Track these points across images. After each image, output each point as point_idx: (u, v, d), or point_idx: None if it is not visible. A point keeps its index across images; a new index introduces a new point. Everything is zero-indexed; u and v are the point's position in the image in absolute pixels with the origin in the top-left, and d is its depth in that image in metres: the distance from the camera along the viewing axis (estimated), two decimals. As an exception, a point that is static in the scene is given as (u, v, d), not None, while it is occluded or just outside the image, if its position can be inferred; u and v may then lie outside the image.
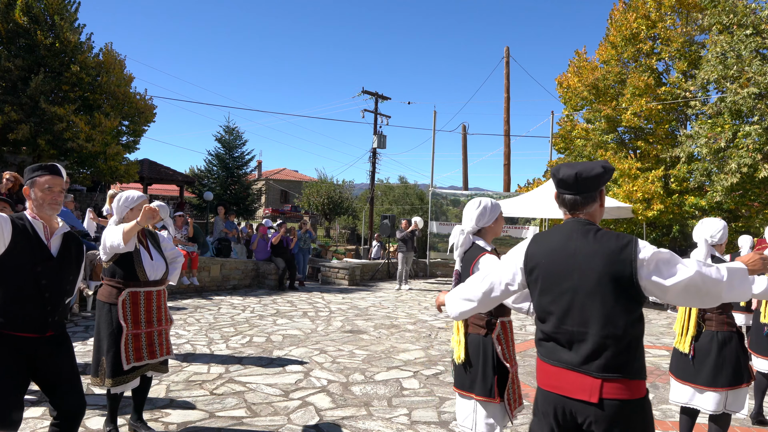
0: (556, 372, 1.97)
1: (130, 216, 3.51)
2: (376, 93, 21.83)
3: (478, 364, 2.71)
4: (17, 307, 2.51)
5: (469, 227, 2.89)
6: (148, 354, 3.50)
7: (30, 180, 2.71)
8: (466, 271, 2.76)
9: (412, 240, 13.04)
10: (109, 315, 3.38)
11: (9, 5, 13.20)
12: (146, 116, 16.18)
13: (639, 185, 13.48)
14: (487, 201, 2.95)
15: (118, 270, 3.42)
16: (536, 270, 2.04)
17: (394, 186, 38.84)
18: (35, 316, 2.57)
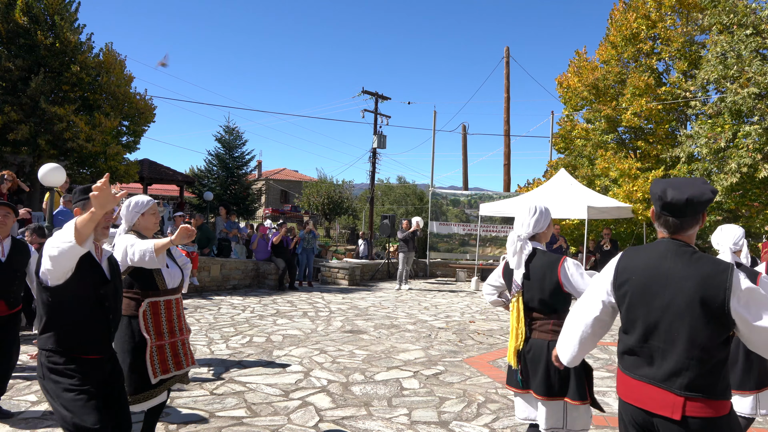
0: (638, 386, 2.00)
1: (141, 222, 3.37)
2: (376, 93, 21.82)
3: (570, 371, 2.75)
4: (86, 331, 2.54)
5: (525, 233, 2.93)
6: (174, 365, 3.31)
7: (81, 201, 2.70)
8: (551, 277, 2.79)
9: (413, 240, 13.04)
10: (129, 328, 3.17)
11: (9, 5, 13.19)
12: (146, 116, 16.17)
13: (639, 185, 13.48)
14: (541, 206, 2.98)
15: (136, 280, 3.22)
16: (626, 285, 2.07)
17: (394, 186, 38.83)
18: (101, 338, 2.61)
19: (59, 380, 2.46)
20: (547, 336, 2.80)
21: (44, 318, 2.49)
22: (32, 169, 13.51)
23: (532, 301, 2.85)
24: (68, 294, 2.46)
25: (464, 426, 4.20)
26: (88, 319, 2.54)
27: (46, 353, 2.49)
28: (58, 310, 2.47)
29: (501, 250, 15.76)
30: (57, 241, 2.32)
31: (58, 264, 2.35)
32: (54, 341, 2.47)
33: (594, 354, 6.84)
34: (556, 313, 2.81)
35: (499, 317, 9.36)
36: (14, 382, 4.79)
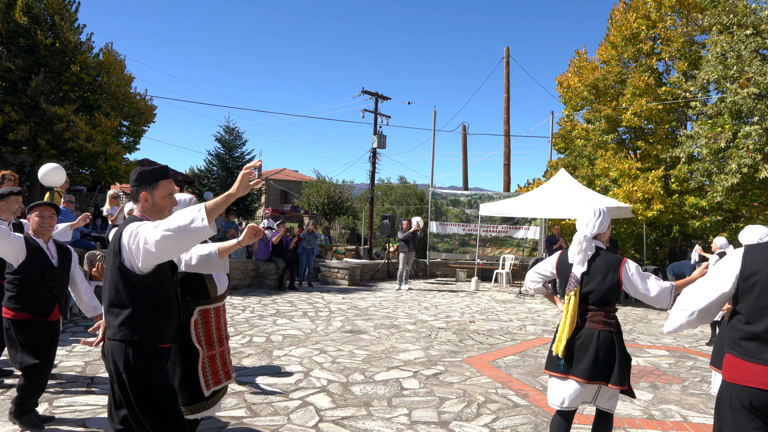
0: (762, 370, 2.19)
1: None
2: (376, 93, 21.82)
3: (614, 358, 3.04)
4: (165, 320, 2.49)
5: (589, 233, 3.18)
6: (224, 375, 3.14)
7: (150, 185, 2.52)
8: (613, 276, 3.06)
9: (414, 240, 13.04)
10: (180, 339, 2.93)
11: (9, 5, 13.19)
12: (146, 116, 16.16)
13: (639, 185, 13.48)
14: (603, 208, 3.24)
15: (186, 287, 2.97)
16: (755, 276, 2.24)
17: (394, 186, 38.81)
18: (174, 327, 2.58)
19: (151, 369, 2.39)
20: (598, 326, 3.09)
21: (129, 308, 2.37)
22: (32, 169, 13.51)
23: (590, 294, 3.11)
24: (148, 281, 2.39)
25: (464, 426, 4.20)
26: (167, 307, 2.50)
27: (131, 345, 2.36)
28: (145, 299, 2.39)
29: (501, 250, 15.76)
30: (174, 224, 2.14)
31: (175, 249, 2.23)
32: (142, 331, 2.38)
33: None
34: (608, 306, 3.10)
35: (498, 317, 9.36)
36: (13, 381, 4.79)
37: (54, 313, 3.90)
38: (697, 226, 13.62)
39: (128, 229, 2.31)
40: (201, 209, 2.16)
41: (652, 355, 7.01)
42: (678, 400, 5.09)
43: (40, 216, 3.85)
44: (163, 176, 2.54)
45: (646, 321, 9.89)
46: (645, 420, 4.51)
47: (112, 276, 2.39)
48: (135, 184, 2.52)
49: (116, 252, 2.37)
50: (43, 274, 3.81)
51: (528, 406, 4.72)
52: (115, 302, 2.40)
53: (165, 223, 2.18)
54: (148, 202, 2.52)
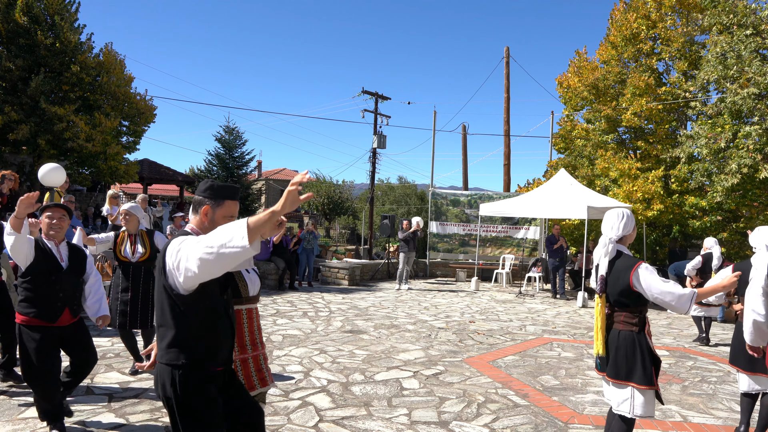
0: None
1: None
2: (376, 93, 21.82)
3: (635, 356, 3.10)
4: (215, 342, 2.30)
5: (615, 236, 3.26)
6: (259, 381, 3.00)
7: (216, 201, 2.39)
8: (624, 277, 3.12)
9: (414, 240, 13.04)
10: None
11: (9, 5, 13.19)
12: (146, 116, 16.17)
13: (639, 185, 13.47)
14: (627, 211, 3.33)
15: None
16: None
17: (394, 186, 38.80)
18: (228, 349, 2.39)
19: (199, 395, 2.23)
20: (619, 326, 3.19)
21: (174, 330, 2.22)
22: (32, 169, 13.51)
23: (611, 296, 3.22)
24: (202, 300, 2.22)
25: (464, 426, 4.20)
26: (217, 325, 2.32)
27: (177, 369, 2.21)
28: (191, 319, 2.22)
29: (501, 250, 15.76)
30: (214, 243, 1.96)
31: (215, 269, 2.03)
32: (189, 354, 2.21)
33: (594, 354, 6.83)
34: (627, 307, 3.16)
35: (499, 317, 9.35)
36: (14, 384, 4.79)
37: (63, 318, 3.74)
38: (697, 226, 13.61)
39: (172, 246, 2.17)
40: (242, 226, 1.94)
41: (652, 355, 7.01)
42: (678, 400, 5.09)
43: (50, 217, 3.76)
44: (231, 196, 2.43)
45: (646, 321, 9.89)
46: (645, 420, 4.51)
47: (158, 295, 2.27)
48: (201, 195, 2.40)
49: (161, 269, 2.23)
50: (50, 276, 3.70)
51: (528, 406, 4.73)
52: (161, 323, 2.27)
53: (207, 239, 2.01)
54: (207, 217, 2.39)
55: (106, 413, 4.14)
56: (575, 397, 5.04)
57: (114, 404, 4.36)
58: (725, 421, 4.58)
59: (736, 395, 5.35)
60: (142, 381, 4.98)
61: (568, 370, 5.98)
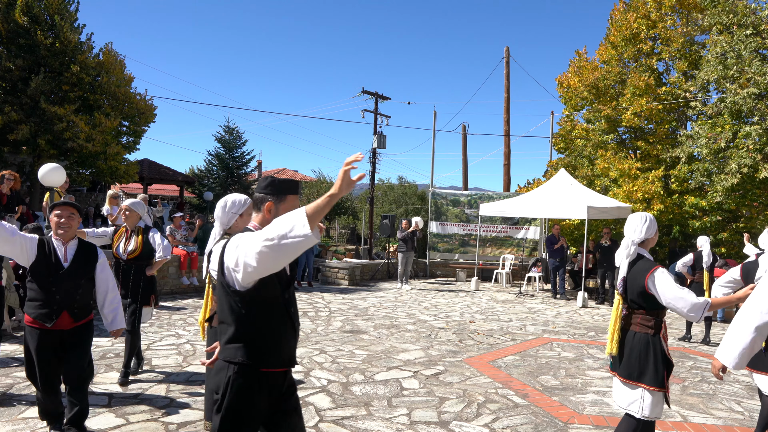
0: None
1: (239, 223, 2.99)
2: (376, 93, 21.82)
3: (648, 358, 3.14)
4: (275, 341, 2.25)
5: (637, 238, 3.31)
6: None
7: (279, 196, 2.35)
8: (640, 280, 3.17)
9: (413, 240, 13.04)
10: None
11: (9, 5, 13.19)
12: (146, 116, 16.17)
13: (639, 185, 13.48)
14: (650, 215, 3.38)
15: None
16: None
17: (394, 186, 38.81)
18: (290, 349, 2.32)
19: (250, 397, 2.19)
20: (635, 328, 3.25)
21: (233, 327, 2.18)
22: (32, 169, 13.51)
23: (629, 297, 3.28)
24: (261, 298, 2.18)
25: (464, 426, 4.20)
26: (280, 326, 2.27)
27: (233, 366, 2.17)
28: (250, 317, 2.18)
29: (501, 250, 15.76)
30: (274, 234, 1.90)
31: (276, 261, 1.98)
32: (246, 353, 2.17)
33: (594, 354, 6.84)
34: (643, 309, 3.21)
35: (498, 317, 9.35)
36: (13, 381, 4.79)
37: (62, 322, 3.53)
38: (697, 226, 13.61)
39: (231, 242, 2.14)
40: (301, 214, 1.90)
41: (652, 355, 7.01)
42: (678, 400, 5.09)
43: (58, 216, 3.62)
44: (293, 191, 2.39)
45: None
46: (645, 420, 4.51)
47: (219, 291, 2.24)
48: (263, 191, 2.36)
49: (219, 267, 2.20)
50: (47, 277, 3.52)
51: (528, 406, 4.73)
52: (222, 319, 2.25)
53: (265, 232, 1.95)
54: (270, 214, 2.34)
55: (106, 413, 4.14)
56: (575, 397, 5.04)
57: (114, 404, 4.36)
58: (725, 421, 4.58)
59: (736, 395, 5.35)
60: (142, 381, 4.98)
61: (568, 370, 5.98)
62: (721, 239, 13.47)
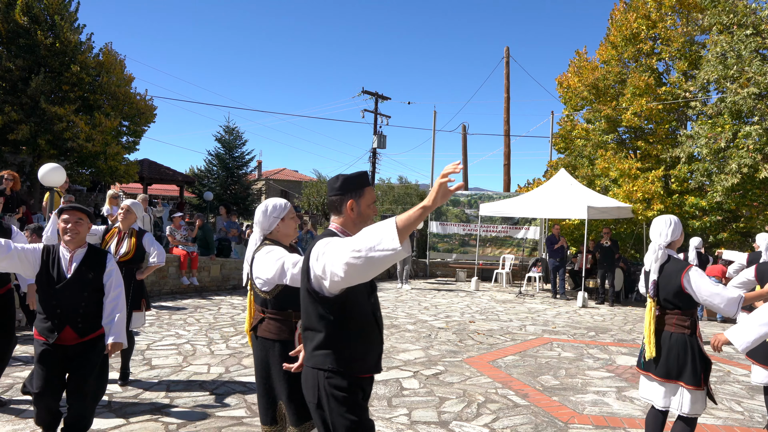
0: None
1: (281, 228, 2.93)
2: (376, 93, 21.84)
3: (686, 358, 3.23)
4: (363, 347, 2.25)
5: (664, 242, 3.40)
6: None
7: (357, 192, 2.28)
8: (676, 280, 3.27)
9: (412, 240, 13.04)
10: (281, 355, 2.74)
11: (9, 5, 13.19)
12: (146, 116, 16.17)
13: (639, 185, 13.47)
14: (675, 218, 3.46)
15: (289, 300, 2.75)
16: None
17: (395, 186, 38.81)
18: (376, 354, 2.32)
19: (348, 402, 2.14)
20: (671, 328, 3.33)
21: (322, 333, 2.15)
22: (32, 169, 13.52)
23: (662, 299, 3.36)
24: (348, 304, 2.15)
25: (464, 426, 4.20)
26: (366, 331, 2.27)
27: (324, 373, 2.15)
28: (337, 323, 2.15)
29: (501, 250, 15.76)
30: (362, 246, 1.85)
31: (364, 274, 1.92)
32: (336, 359, 2.14)
33: (594, 354, 6.84)
34: (678, 309, 3.30)
35: (498, 317, 9.36)
36: (13, 381, 4.79)
37: (65, 336, 3.19)
38: (697, 226, 13.61)
39: (317, 248, 2.08)
40: (391, 227, 1.82)
41: (652, 355, 7.01)
42: (678, 400, 5.09)
43: (66, 221, 3.30)
44: (367, 182, 2.33)
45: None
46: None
47: (304, 298, 2.19)
48: (339, 192, 2.27)
49: (305, 272, 2.14)
50: (48, 288, 3.22)
51: (528, 406, 4.73)
52: (307, 326, 2.21)
53: (353, 242, 1.90)
54: (354, 212, 2.27)
55: (106, 413, 4.14)
56: (575, 397, 5.04)
57: (114, 404, 4.36)
58: (725, 421, 4.58)
59: (736, 395, 5.35)
60: (142, 381, 4.98)
61: (568, 370, 5.98)
62: (721, 239, 13.47)
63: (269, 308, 2.78)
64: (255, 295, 2.84)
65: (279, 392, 2.75)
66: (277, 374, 2.73)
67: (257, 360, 2.83)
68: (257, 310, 2.84)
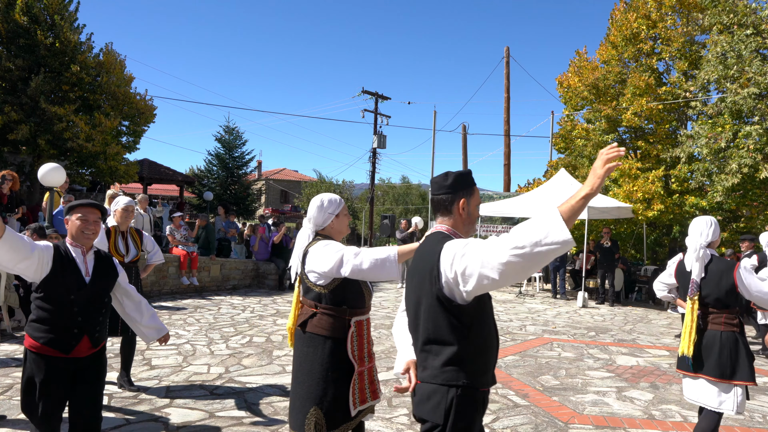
0: None
1: (335, 224, 2.88)
2: (376, 93, 21.84)
3: (739, 355, 3.28)
4: (489, 359, 2.12)
5: (704, 242, 3.44)
6: (371, 394, 2.79)
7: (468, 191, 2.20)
8: (727, 279, 3.32)
9: (412, 240, 13.04)
10: (333, 354, 2.65)
11: (9, 5, 13.19)
12: (146, 116, 16.17)
13: (639, 185, 13.47)
14: (713, 219, 3.52)
15: (343, 296, 2.68)
16: None
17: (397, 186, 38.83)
18: (494, 366, 2.19)
19: (476, 419, 2.01)
20: (720, 327, 3.34)
21: (454, 346, 1.98)
22: (32, 169, 13.51)
23: (709, 298, 3.36)
24: (480, 312, 2.03)
25: (464, 426, 4.20)
26: (493, 342, 2.13)
27: (456, 390, 1.97)
28: (471, 334, 2.01)
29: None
30: (525, 241, 1.72)
31: (524, 272, 1.80)
32: (468, 373, 1.99)
33: (594, 354, 6.83)
34: (728, 308, 3.33)
35: (499, 317, 9.35)
36: (13, 381, 4.79)
37: (80, 348, 2.85)
38: (697, 226, 13.60)
39: (449, 252, 1.93)
40: (556, 218, 1.73)
41: (652, 355, 7.01)
42: (678, 400, 5.09)
43: (83, 220, 2.92)
44: (474, 180, 2.23)
45: (646, 321, 9.89)
46: (645, 420, 4.51)
47: (430, 307, 2.00)
48: (449, 190, 2.14)
49: (434, 278, 1.97)
50: (68, 295, 2.82)
51: (528, 406, 4.72)
52: (433, 338, 2.00)
53: (512, 239, 1.75)
54: (464, 212, 2.15)
55: (106, 413, 4.13)
56: (575, 397, 5.04)
57: (114, 404, 4.36)
58: (725, 421, 4.58)
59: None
60: (141, 381, 4.98)
61: (568, 370, 5.98)
62: (722, 239, 13.47)
63: (324, 303, 2.67)
64: (306, 291, 2.74)
65: (316, 394, 2.62)
66: (321, 373, 2.62)
67: (301, 357, 2.71)
68: (308, 306, 2.73)
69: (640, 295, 13.00)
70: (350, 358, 2.65)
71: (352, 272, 2.54)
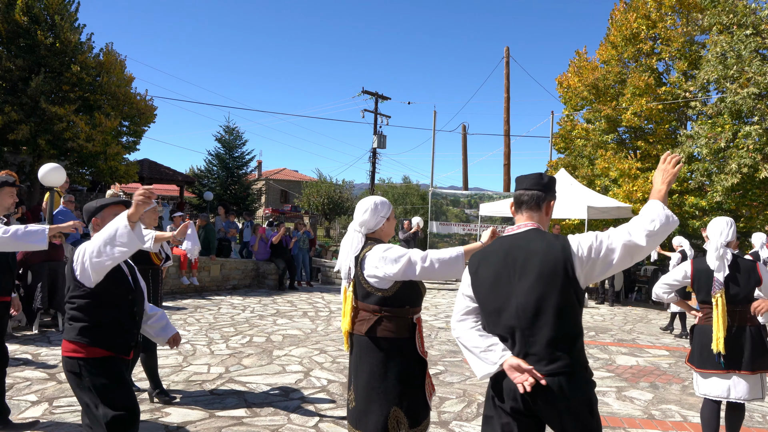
0: None
1: (385, 227, 2.86)
2: (376, 93, 21.84)
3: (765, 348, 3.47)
4: None
5: (724, 240, 3.57)
6: (432, 388, 2.87)
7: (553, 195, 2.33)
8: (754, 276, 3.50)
9: (414, 240, 13.04)
10: (403, 353, 2.68)
11: (9, 5, 13.19)
12: (146, 117, 16.18)
13: (639, 185, 13.48)
14: (731, 219, 3.68)
15: (407, 296, 2.70)
16: None
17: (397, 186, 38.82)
18: None
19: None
20: (746, 322, 3.49)
21: (580, 336, 2.10)
22: (32, 169, 13.52)
23: (737, 296, 3.49)
24: None
25: (464, 426, 4.20)
26: None
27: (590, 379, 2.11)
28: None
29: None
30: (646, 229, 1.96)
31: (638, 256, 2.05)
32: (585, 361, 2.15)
33: (594, 354, 6.84)
34: (750, 303, 3.48)
35: (499, 317, 9.35)
36: (13, 381, 4.79)
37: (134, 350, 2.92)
38: (697, 226, 13.61)
39: (587, 241, 2.06)
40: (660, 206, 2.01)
41: (652, 355, 7.01)
42: (678, 400, 5.09)
43: None
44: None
45: (646, 321, 9.90)
46: (645, 420, 4.51)
47: (559, 303, 2.03)
48: (544, 189, 2.25)
49: (565, 270, 2.03)
50: (126, 295, 2.79)
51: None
52: (566, 331, 2.06)
53: (640, 222, 1.99)
54: (550, 213, 2.28)
55: (106, 413, 4.13)
56: (575, 397, 5.04)
57: (114, 404, 4.35)
58: (724, 421, 4.58)
59: (736, 395, 5.35)
60: (141, 381, 4.98)
61: (568, 370, 5.97)
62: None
63: (388, 306, 2.66)
64: (366, 296, 2.69)
65: (394, 395, 2.63)
66: (397, 375, 2.64)
67: (372, 363, 2.71)
68: (369, 311, 2.70)
69: (639, 295, 13.01)
70: (420, 354, 2.71)
71: (422, 274, 2.60)
